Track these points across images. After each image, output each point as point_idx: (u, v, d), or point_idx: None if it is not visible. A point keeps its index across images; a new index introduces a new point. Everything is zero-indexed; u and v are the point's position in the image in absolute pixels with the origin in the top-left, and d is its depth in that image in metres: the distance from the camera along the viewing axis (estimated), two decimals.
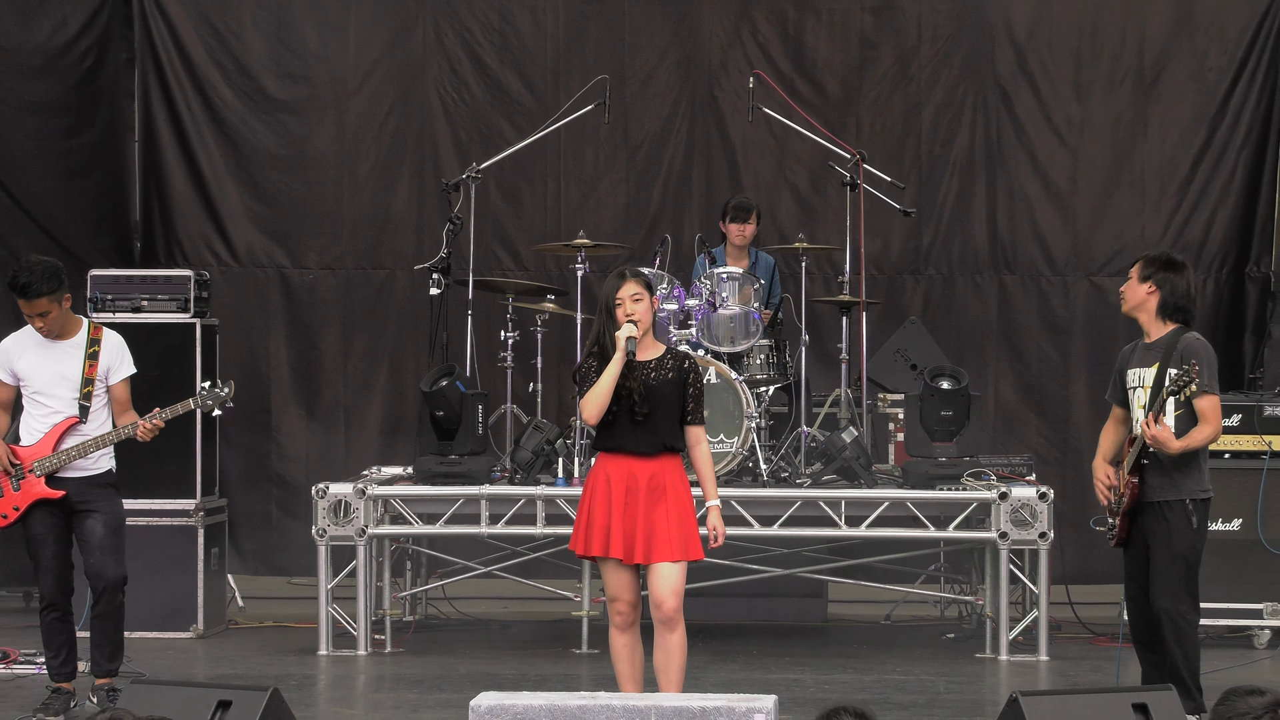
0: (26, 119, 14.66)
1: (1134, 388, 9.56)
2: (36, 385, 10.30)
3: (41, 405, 10.30)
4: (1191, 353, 9.33)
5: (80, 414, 10.29)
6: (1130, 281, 9.59)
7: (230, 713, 8.33)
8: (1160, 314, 9.51)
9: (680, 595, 9.35)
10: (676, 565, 9.31)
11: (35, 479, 10.21)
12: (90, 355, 10.34)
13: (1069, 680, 11.52)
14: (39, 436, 10.26)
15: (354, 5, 14.98)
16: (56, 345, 10.30)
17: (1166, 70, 14.77)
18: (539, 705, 8.18)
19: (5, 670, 11.67)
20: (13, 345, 10.41)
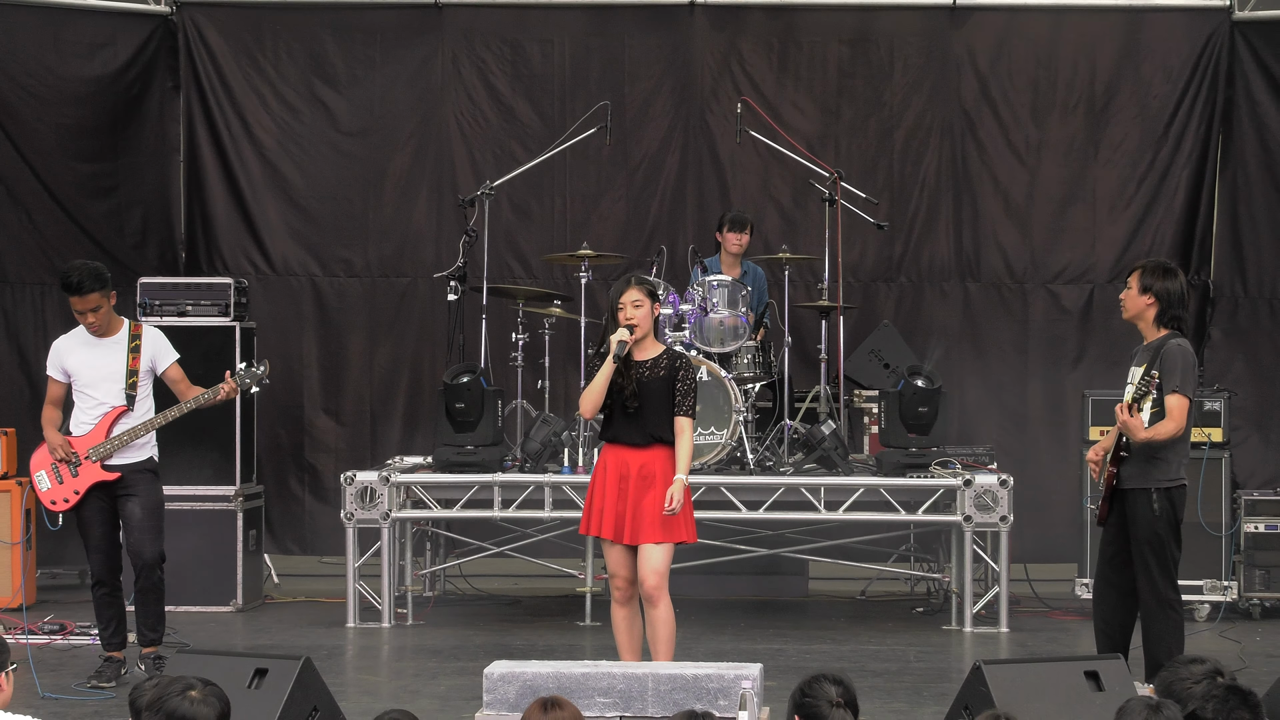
0: (80, 140, 14.66)
1: (1127, 384, 9.56)
2: (84, 381, 10.34)
3: (89, 398, 10.33)
4: (1168, 357, 9.34)
5: (128, 403, 10.34)
6: (1130, 292, 9.54)
7: (266, 679, 8.31)
8: (1157, 322, 9.50)
9: (661, 574, 9.33)
10: (659, 546, 9.31)
11: (91, 464, 10.26)
12: (132, 350, 10.39)
13: (1027, 650, 11.50)
14: (89, 428, 10.30)
15: (379, 38, 14.97)
16: (101, 343, 10.34)
17: (1115, 98, 14.75)
18: (546, 673, 8.16)
19: (63, 641, 11.67)
20: (63, 345, 10.47)
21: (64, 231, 14.51)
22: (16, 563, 13.05)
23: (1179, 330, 9.56)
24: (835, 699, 7.03)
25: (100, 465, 10.27)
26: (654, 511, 9.28)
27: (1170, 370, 9.29)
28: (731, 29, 14.89)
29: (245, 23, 14.97)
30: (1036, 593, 13.23)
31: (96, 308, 10.19)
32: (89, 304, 10.17)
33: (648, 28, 14.92)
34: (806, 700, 7.05)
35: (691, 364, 9.68)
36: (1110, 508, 9.54)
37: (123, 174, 14.84)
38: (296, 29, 14.98)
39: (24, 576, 13.09)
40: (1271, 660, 10.26)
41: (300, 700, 8.30)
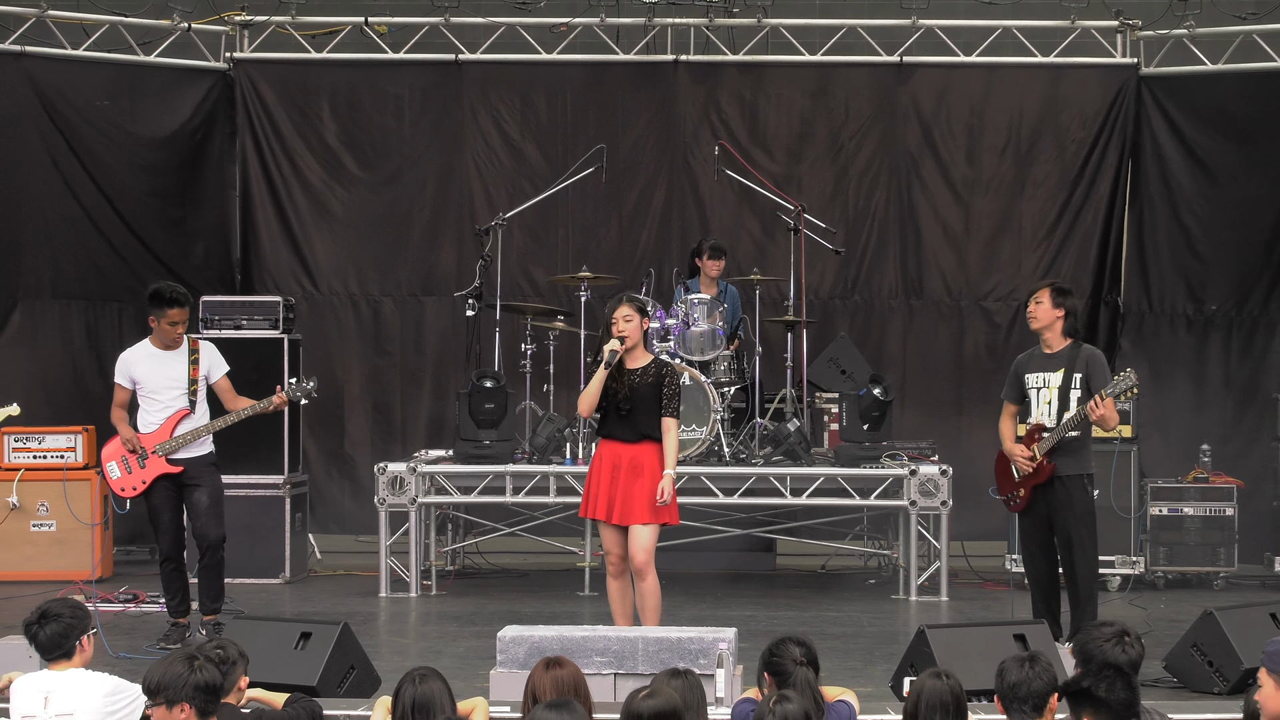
0: (151, 179, 14.65)
1: (1037, 388, 9.57)
2: (150, 388, 10.38)
3: (154, 402, 10.37)
4: (1096, 363, 9.49)
5: (190, 407, 10.36)
6: (1043, 306, 9.59)
7: (310, 641, 8.31)
8: (1064, 332, 9.54)
9: (648, 551, 9.37)
10: (646, 527, 9.36)
11: (158, 458, 10.28)
12: (193, 361, 10.47)
13: (964, 616, 11.50)
14: (155, 427, 10.32)
15: (408, 91, 14.96)
16: (165, 355, 10.40)
17: (1039, 142, 14.75)
18: (551, 636, 8.16)
19: (136, 609, 11.65)
20: (130, 357, 10.52)
21: (138, 257, 14.51)
22: (97, 541, 13.03)
23: (1078, 339, 9.62)
24: (799, 658, 7.02)
25: (165, 460, 10.28)
26: (642, 498, 9.32)
27: (1104, 374, 9.37)
28: (709, 83, 14.87)
29: (292, 77, 14.96)
30: (972, 567, 13.23)
31: (185, 320, 10.39)
32: (183, 315, 10.35)
33: (638, 82, 14.90)
34: (774, 659, 7.04)
35: (676, 371, 9.71)
36: (1032, 496, 9.56)
37: (188, 207, 14.84)
38: (336, 82, 14.96)
39: (102, 553, 13.10)
40: (1173, 624, 10.25)
41: (339, 659, 8.30)
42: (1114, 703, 5.98)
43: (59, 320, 14.38)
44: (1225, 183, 14.41)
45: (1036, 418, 9.57)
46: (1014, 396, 9.79)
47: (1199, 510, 12.83)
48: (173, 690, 6.21)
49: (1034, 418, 9.60)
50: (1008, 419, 9.84)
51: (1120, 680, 6.05)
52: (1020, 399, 9.73)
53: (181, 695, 6.22)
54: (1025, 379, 9.66)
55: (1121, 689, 6.01)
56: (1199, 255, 14.52)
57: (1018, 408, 9.79)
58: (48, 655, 7.43)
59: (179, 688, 6.23)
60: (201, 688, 6.28)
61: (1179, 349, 14.39)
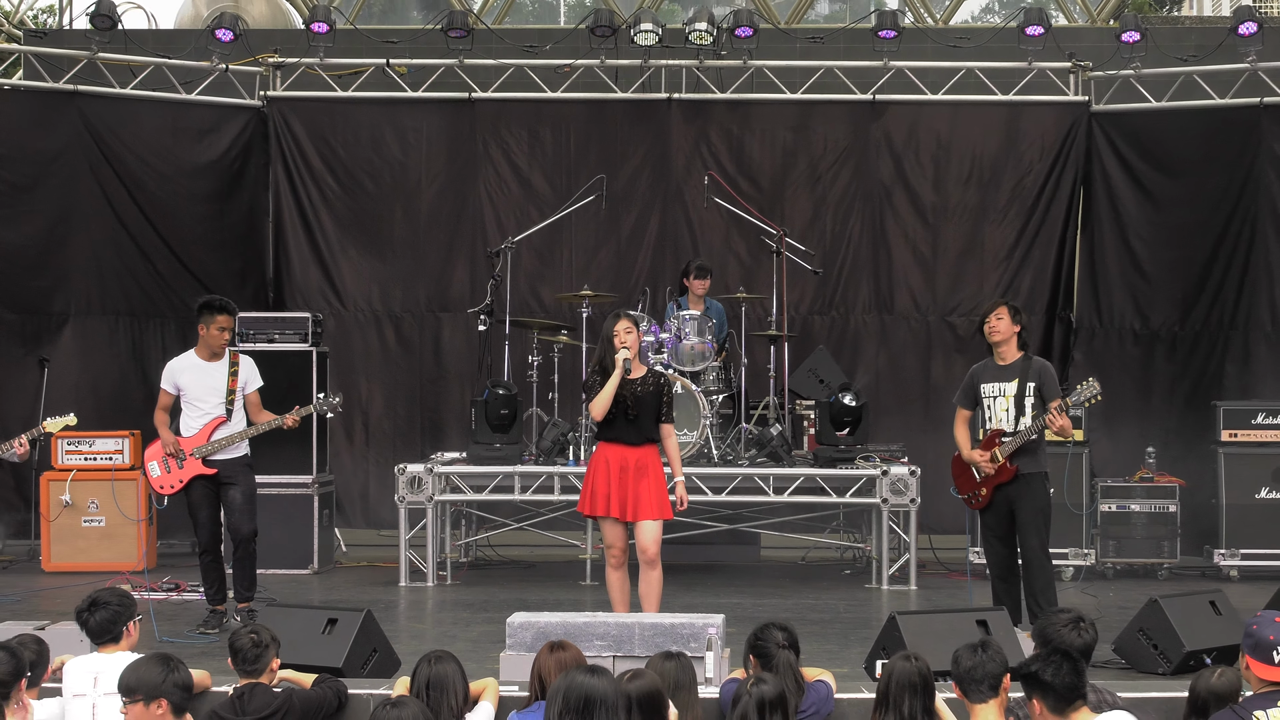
0: (192, 205, 14.68)
1: (993, 396, 9.59)
2: (193, 395, 10.42)
3: (195, 409, 10.42)
4: (1048, 372, 9.62)
5: (226, 414, 10.39)
6: (1004, 321, 9.63)
7: (336, 627, 8.31)
8: (1018, 345, 9.59)
9: (659, 543, 9.47)
10: (656, 522, 9.45)
11: (195, 460, 10.30)
12: (232, 373, 10.51)
13: (931, 603, 11.50)
14: (194, 432, 10.38)
15: (425, 126, 14.97)
16: (208, 366, 10.44)
17: (1000, 172, 14.78)
18: (555, 621, 8.16)
19: (178, 597, 11.64)
20: (176, 365, 10.56)
21: (178, 276, 14.53)
22: (141, 535, 13.04)
23: (1028, 352, 9.68)
24: (781, 642, 7.05)
25: (201, 461, 10.30)
26: (649, 495, 9.43)
27: (1054, 384, 9.47)
28: (700, 119, 14.88)
29: (320, 112, 14.97)
30: (938, 558, 13.21)
31: (231, 327, 10.53)
32: (229, 323, 10.50)
33: (635, 118, 14.91)
34: (759, 643, 7.06)
35: (671, 382, 9.74)
36: (993, 495, 9.58)
37: (225, 231, 14.84)
38: (360, 117, 14.97)
39: (147, 546, 13.10)
40: (1122, 610, 10.25)
41: (363, 643, 8.30)
42: (1059, 685, 6.01)
43: (107, 334, 14.40)
44: (1168, 209, 14.43)
45: (994, 424, 9.59)
46: (968, 404, 9.83)
47: (1144, 507, 12.84)
48: (151, 688, 6.22)
49: (991, 424, 9.62)
50: (962, 424, 9.88)
51: (1066, 664, 6.07)
52: (973, 405, 9.78)
53: (160, 692, 6.22)
54: (981, 388, 9.69)
55: (1067, 673, 6.03)
56: (1144, 275, 14.54)
57: (970, 413, 9.83)
58: (97, 639, 7.45)
59: (157, 685, 6.23)
60: (179, 685, 6.29)
61: (1127, 361, 14.42)
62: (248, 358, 10.71)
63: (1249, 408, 13.04)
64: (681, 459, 11.33)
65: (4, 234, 13.99)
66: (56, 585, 12.15)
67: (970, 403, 9.79)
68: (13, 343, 14.02)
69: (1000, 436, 9.50)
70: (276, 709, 7.29)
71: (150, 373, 14.30)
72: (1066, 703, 6.00)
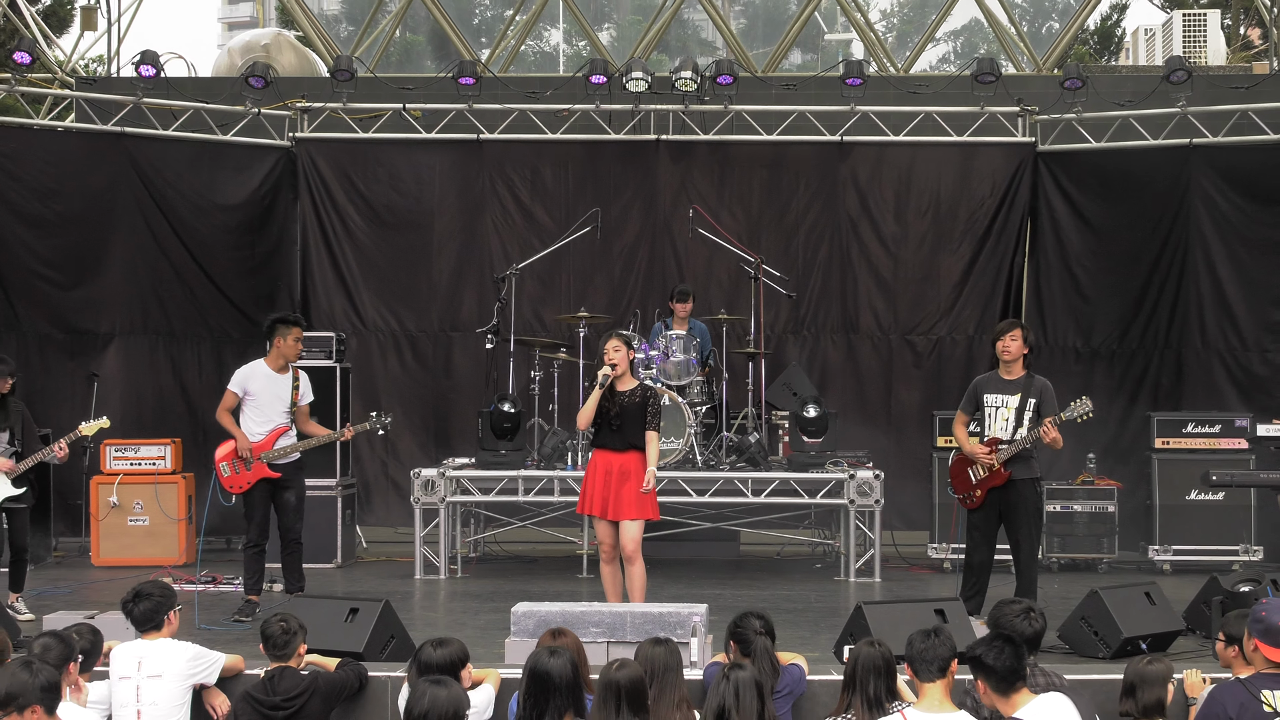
0: (226, 236, 14.69)
1: (995, 407, 9.60)
2: (260, 401, 10.47)
3: (260, 414, 10.47)
4: (1048, 390, 9.63)
5: (289, 424, 10.54)
6: (1017, 342, 9.68)
7: (358, 616, 8.31)
8: (1024, 364, 9.60)
9: (636, 541, 9.47)
10: (635, 522, 9.47)
11: (262, 464, 10.35)
12: (295, 386, 10.58)
13: (894, 594, 11.48)
14: (260, 437, 10.45)
15: (438, 164, 15.00)
16: (277, 377, 10.56)
17: (955, 205, 14.83)
18: (555, 610, 8.17)
19: (215, 589, 11.62)
20: (248, 372, 10.58)
21: (214, 300, 14.54)
22: (182, 534, 13.06)
23: (1031, 370, 9.68)
24: (759, 629, 7.07)
25: (267, 466, 10.35)
26: (630, 498, 9.40)
27: (1052, 402, 9.50)
28: (685, 159, 14.92)
29: (343, 152, 14.99)
30: (900, 553, 13.24)
31: (298, 337, 10.58)
32: (300, 335, 10.59)
33: (627, 157, 14.94)
34: (738, 630, 7.08)
35: (658, 394, 9.75)
36: (986, 497, 9.58)
37: (257, 259, 14.85)
38: (379, 157, 15.00)
39: (187, 543, 13.11)
40: (1066, 600, 10.25)
41: (382, 630, 8.30)
42: (1000, 668, 6.05)
43: (148, 353, 14.40)
44: (1107, 239, 14.48)
45: (993, 432, 9.59)
46: (970, 410, 9.82)
47: (1086, 507, 12.87)
48: (23, 697, 5.77)
49: (989, 432, 9.61)
50: (962, 427, 9.86)
51: (1008, 649, 6.10)
52: (974, 412, 9.75)
53: (31, 699, 5.79)
54: (984, 397, 9.69)
55: (1008, 657, 6.07)
56: (1086, 298, 14.59)
57: (969, 418, 9.81)
58: (141, 627, 7.46)
59: (28, 693, 5.79)
60: (46, 689, 5.84)
61: (1070, 376, 14.41)
62: (304, 374, 10.76)
63: (1180, 418, 13.08)
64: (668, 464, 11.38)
65: (56, 260, 14.00)
66: (104, 578, 12.14)
67: (972, 409, 9.80)
68: (63, 359, 14.02)
69: (998, 444, 9.52)
70: (304, 689, 7.31)
71: (188, 387, 14.35)
72: (1008, 684, 6.03)
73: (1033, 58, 19.77)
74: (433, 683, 5.95)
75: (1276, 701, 6.07)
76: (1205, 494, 12.66)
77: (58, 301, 14.05)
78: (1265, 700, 6.07)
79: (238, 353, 13.54)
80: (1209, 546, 12.72)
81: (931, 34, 21.52)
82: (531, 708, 5.92)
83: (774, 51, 20.16)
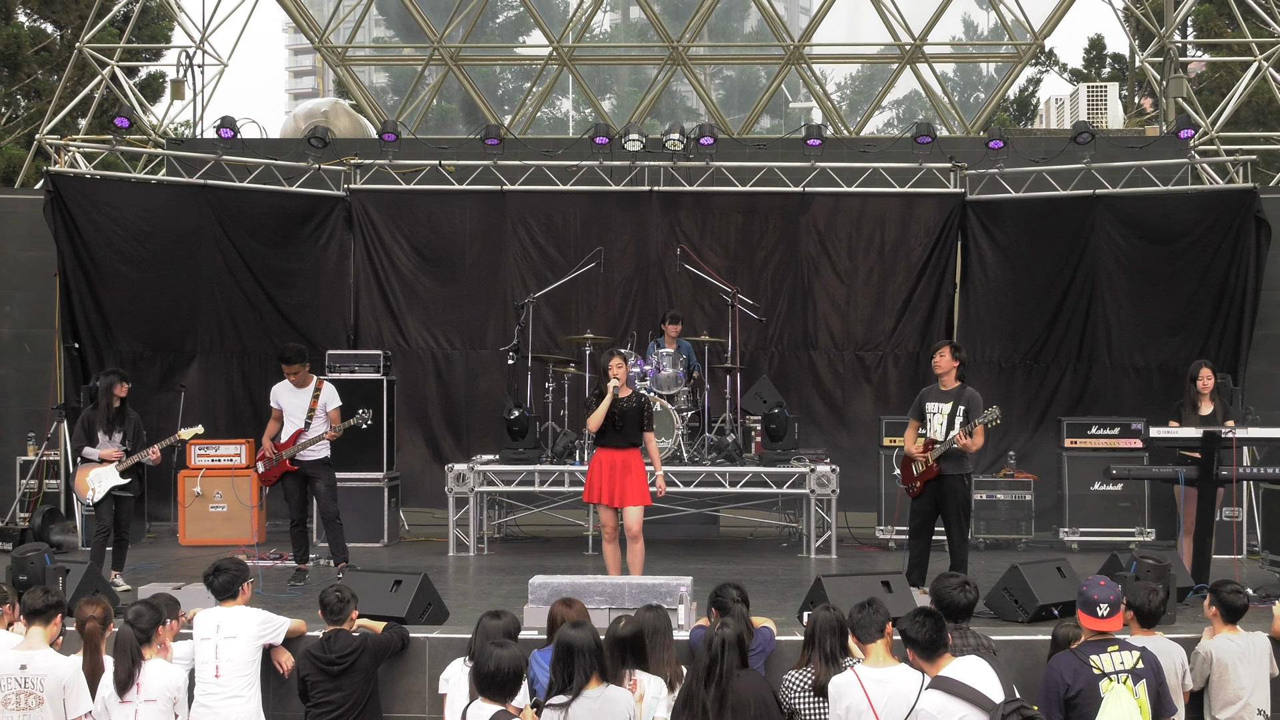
0: (290, 272, 14.67)
1: (934, 413, 9.55)
2: (287, 411, 10.56)
3: (289, 421, 10.54)
4: (975, 399, 9.52)
5: (306, 426, 10.51)
6: (946, 358, 9.59)
7: (400, 586, 8.30)
8: (956, 376, 9.56)
9: (640, 522, 9.48)
10: (638, 507, 9.46)
11: (284, 460, 10.39)
12: (315, 395, 10.56)
13: (847, 568, 11.45)
14: (285, 439, 10.51)
15: (468, 211, 14.98)
16: (297, 390, 10.58)
17: (898, 244, 14.82)
18: (566, 582, 8.17)
19: (281, 564, 11.57)
20: (278, 389, 10.68)
21: (279, 324, 14.51)
22: (254, 518, 13.05)
23: (964, 382, 9.63)
24: (736, 597, 7.07)
25: (288, 461, 10.40)
26: (633, 487, 9.47)
27: (978, 408, 9.41)
28: (674, 206, 14.92)
29: (389, 200, 14.98)
30: (853, 534, 13.21)
31: (296, 371, 10.50)
32: (293, 368, 10.48)
33: (625, 205, 14.93)
34: (718, 598, 7.08)
35: (650, 401, 9.76)
36: (924, 488, 9.55)
37: (316, 290, 14.82)
38: (419, 205, 14.99)
39: (258, 526, 13.09)
40: (990, 574, 10.20)
41: (421, 599, 8.29)
42: (921, 640, 6.07)
43: (224, 368, 14.39)
44: (1024, 272, 14.49)
45: (931, 434, 9.57)
46: (918, 416, 9.77)
47: (1008, 496, 12.86)
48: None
49: (930, 434, 9.60)
50: (911, 432, 9.81)
51: (929, 622, 6.11)
52: (921, 419, 9.71)
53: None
54: (926, 405, 9.67)
55: (929, 630, 6.08)
56: (1007, 322, 14.59)
57: (918, 423, 9.78)
58: (219, 597, 7.46)
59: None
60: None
61: (994, 387, 14.42)
62: (329, 384, 10.75)
63: (1085, 422, 13.08)
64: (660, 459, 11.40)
65: (150, 292, 13.99)
66: (189, 556, 12.12)
67: (918, 416, 9.75)
68: (153, 374, 14.00)
69: (933, 444, 9.51)
70: (355, 648, 7.31)
71: (256, 396, 14.34)
72: (931, 651, 6.05)
73: (963, 122, 19.80)
74: (497, 645, 5.98)
75: (1103, 663, 6.12)
76: (1106, 485, 12.65)
77: (150, 325, 14.03)
78: (1093, 664, 6.11)
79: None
80: (1110, 529, 12.70)
81: (878, 103, 21.57)
82: (562, 671, 5.92)
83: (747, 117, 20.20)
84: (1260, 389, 13.74)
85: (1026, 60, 20.02)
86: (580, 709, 5.79)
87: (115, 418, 10.22)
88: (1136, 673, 6.11)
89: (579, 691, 5.83)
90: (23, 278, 14.77)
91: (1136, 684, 6.07)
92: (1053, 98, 22.30)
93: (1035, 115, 30.27)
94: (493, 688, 5.84)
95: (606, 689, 5.90)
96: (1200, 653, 7.15)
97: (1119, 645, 6.20)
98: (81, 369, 13.53)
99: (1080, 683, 6.09)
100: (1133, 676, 6.08)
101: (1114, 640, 6.22)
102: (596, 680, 5.90)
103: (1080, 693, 6.07)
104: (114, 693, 6.67)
